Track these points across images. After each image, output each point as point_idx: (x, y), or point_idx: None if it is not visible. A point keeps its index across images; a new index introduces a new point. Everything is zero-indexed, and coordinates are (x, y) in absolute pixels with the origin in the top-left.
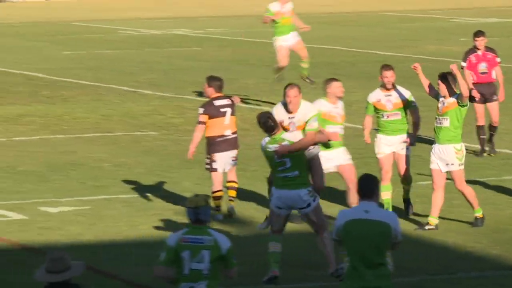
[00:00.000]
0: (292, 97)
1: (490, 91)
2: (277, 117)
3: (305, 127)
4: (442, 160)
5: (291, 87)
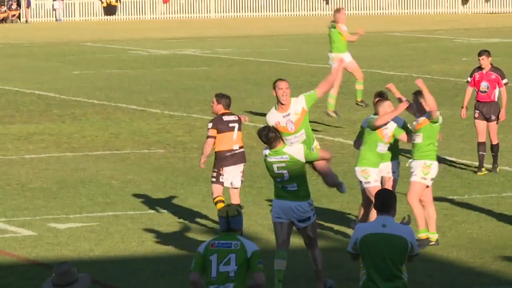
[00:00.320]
0: (284, 88)
1: (488, 110)
2: (272, 121)
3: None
4: (410, 171)
5: (281, 80)
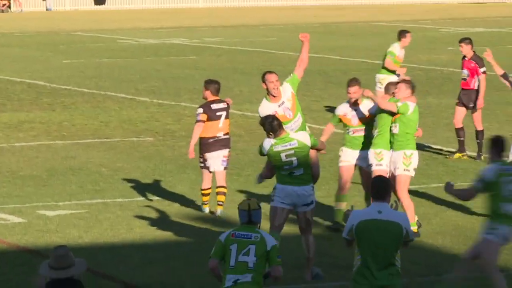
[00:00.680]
0: (274, 81)
1: (466, 97)
2: (269, 112)
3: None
4: (393, 163)
5: (270, 72)
